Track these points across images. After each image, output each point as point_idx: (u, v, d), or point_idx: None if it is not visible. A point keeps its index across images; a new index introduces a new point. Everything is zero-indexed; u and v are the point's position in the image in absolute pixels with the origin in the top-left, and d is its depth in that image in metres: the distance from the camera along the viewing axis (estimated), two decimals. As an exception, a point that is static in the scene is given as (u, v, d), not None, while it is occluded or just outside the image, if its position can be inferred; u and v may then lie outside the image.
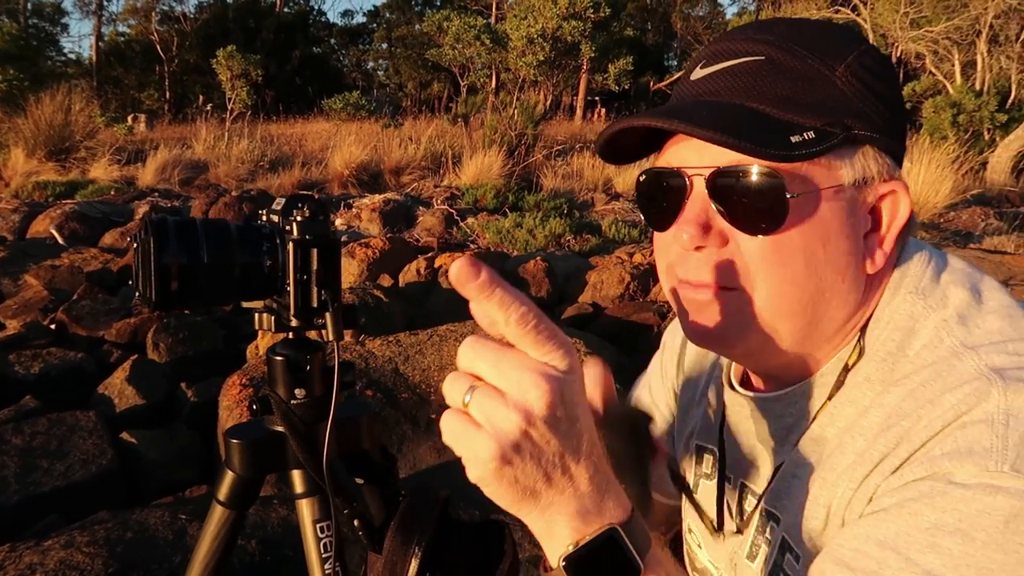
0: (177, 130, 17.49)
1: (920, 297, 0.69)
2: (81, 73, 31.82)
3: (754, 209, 0.65)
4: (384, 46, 39.83)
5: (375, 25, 40.78)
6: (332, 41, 40.34)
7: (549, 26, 10.83)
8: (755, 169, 0.65)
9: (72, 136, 11.74)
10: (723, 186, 0.66)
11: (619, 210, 8.73)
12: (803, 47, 0.67)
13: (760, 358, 0.73)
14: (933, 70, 14.78)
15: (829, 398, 0.70)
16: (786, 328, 0.69)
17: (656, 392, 0.98)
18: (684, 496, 0.89)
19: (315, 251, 0.74)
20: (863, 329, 0.71)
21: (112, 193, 9.20)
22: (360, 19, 73.35)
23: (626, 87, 13.95)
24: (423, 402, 3.07)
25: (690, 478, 0.89)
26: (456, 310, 4.42)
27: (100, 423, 2.96)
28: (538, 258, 5.35)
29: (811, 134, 0.64)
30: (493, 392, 0.51)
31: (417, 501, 0.67)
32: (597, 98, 24.59)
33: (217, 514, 0.83)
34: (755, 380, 0.80)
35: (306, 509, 0.80)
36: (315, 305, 0.76)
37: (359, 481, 0.77)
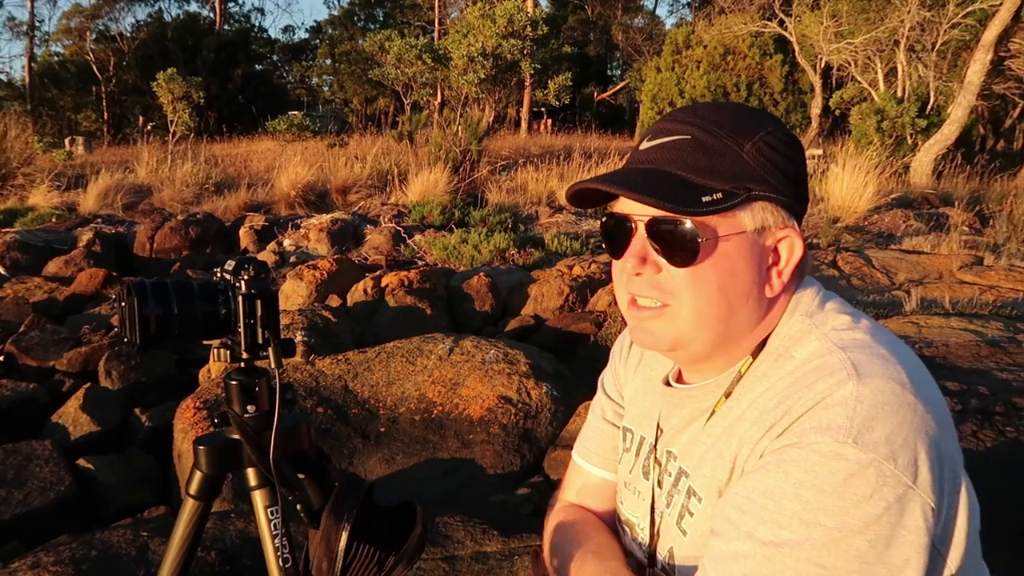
0: (118, 152, 17.24)
1: (808, 318, 0.94)
2: (14, 95, 31.06)
3: (677, 248, 0.90)
4: (328, 62, 39.71)
5: (318, 41, 40.65)
6: (275, 58, 40.08)
7: (489, 44, 11.08)
8: (677, 221, 0.89)
9: (8, 163, 11.54)
10: (656, 230, 0.91)
11: (562, 223, 8.99)
12: (720, 128, 0.91)
13: (687, 355, 0.98)
14: (858, 78, 15.47)
15: (732, 388, 0.95)
16: (705, 335, 0.93)
17: (611, 392, 1.23)
18: (620, 467, 1.16)
19: (259, 301, 0.99)
20: (765, 340, 0.96)
21: (53, 220, 9.11)
22: (302, 35, 72.79)
23: (566, 101, 14.29)
24: (372, 417, 3.24)
25: (622, 452, 1.15)
26: (401, 328, 4.60)
27: (56, 451, 3.04)
28: (481, 274, 5.54)
29: (719, 195, 0.88)
30: None
31: (346, 489, 0.88)
32: (543, 109, 24.97)
33: (189, 506, 1.04)
34: (685, 378, 1.05)
35: (259, 498, 1.03)
36: (260, 341, 1.00)
37: (300, 475, 0.99)
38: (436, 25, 27.47)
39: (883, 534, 0.76)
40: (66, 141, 18.91)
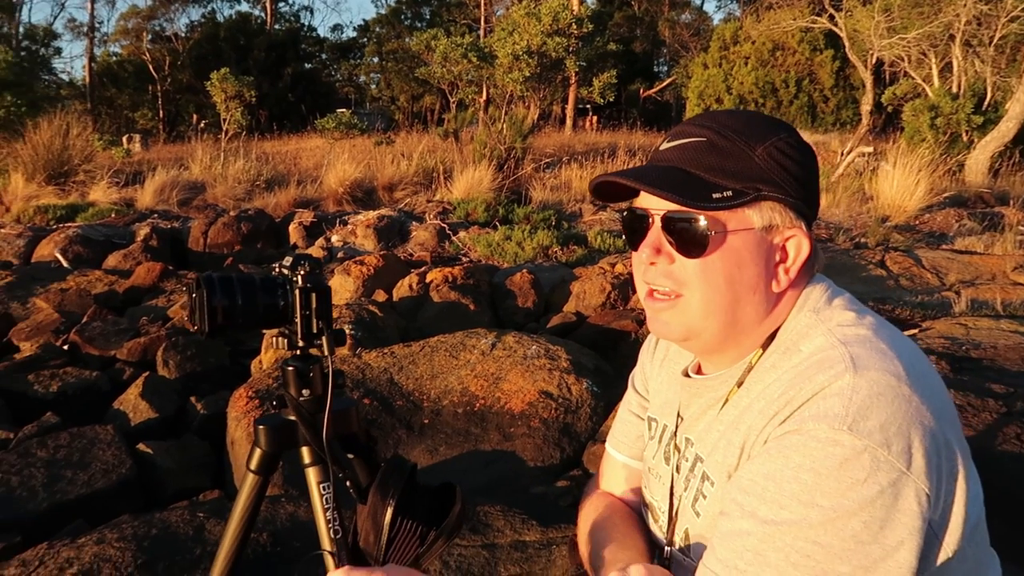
0: (173, 150, 17.76)
1: (815, 314, 1.00)
2: (75, 95, 32.14)
3: (688, 240, 0.97)
4: (375, 60, 40.21)
5: (365, 39, 41.17)
6: (323, 56, 40.71)
7: (534, 42, 11.13)
8: (689, 215, 0.96)
9: (70, 160, 11.98)
10: (670, 223, 0.98)
11: (605, 220, 9.01)
12: (734, 132, 0.98)
13: (700, 345, 1.05)
14: (912, 74, 15.11)
15: (744, 376, 1.02)
16: (713, 324, 0.99)
17: (639, 387, 1.31)
18: (645, 454, 1.23)
19: (314, 294, 1.10)
20: (774, 334, 1.02)
21: (112, 215, 9.43)
22: (350, 33, 73.74)
23: (611, 99, 14.28)
24: (416, 409, 3.33)
25: (648, 440, 1.23)
26: (445, 323, 4.69)
27: (118, 435, 3.19)
28: (524, 270, 5.61)
29: (729, 192, 0.95)
30: None
31: (391, 468, 0.96)
32: (588, 106, 24.91)
33: (249, 480, 1.14)
34: (703, 370, 1.12)
35: (312, 475, 1.13)
36: (315, 331, 1.11)
37: (350, 455, 1.09)
38: (482, 23, 27.61)
39: (877, 516, 0.81)
40: (124, 139, 19.53)
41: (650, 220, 1.01)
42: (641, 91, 32.57)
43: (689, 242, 0.97)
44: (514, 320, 5.13)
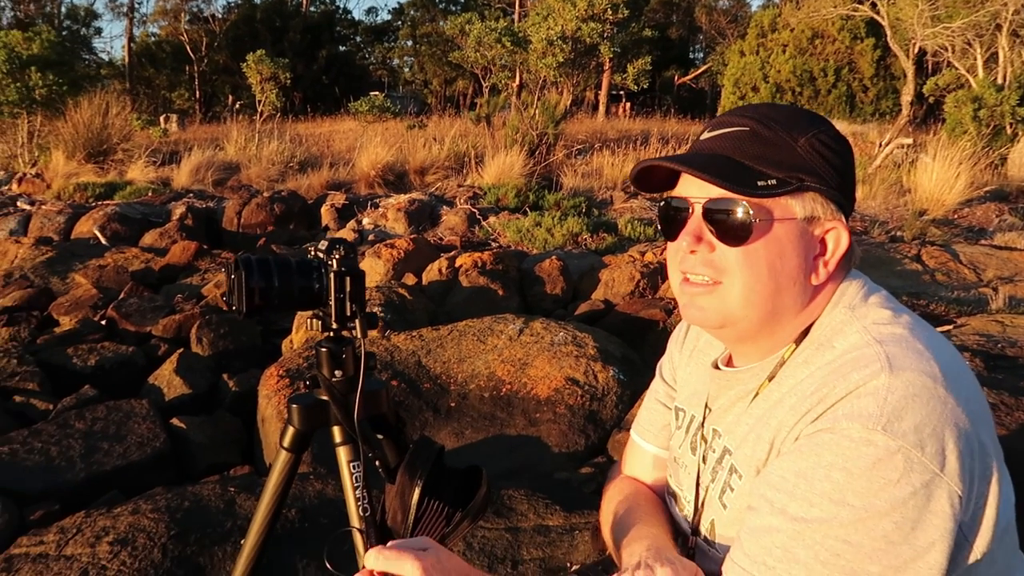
0: (208, 130, 17.97)
1: (850, 310, 0.99)
2: (114, 74, 32.59)
3: (731, 228, 0.96)
4: (409, 43, 40.22)
5: (400, 22, 41.17)
6: (358, 39, 40.79)
7: (568, 27, 11.05)
8: (733, 202, 0.96)
9: (109, 139, 12.18)
10: (712, 210, 0.98)
11: (636, 208, 8.95)
12: (777, 123, 0.98)
13: (735, 334, 1.04)
14: (955, 64, 14.73)
15: (775, 372, 1.01)
16: (753, 313, 0.98)
17: (666, 376, 1.31)
18: (672, 443, 1.23)
19: (348, 278, 1.12)
20: (808, 328, 1.01)
21: (149, 194, 9.60)
22: (385, 16, 73.88)
23: (645, 86, 14.15)
24: (443, 391, 3.36)
25: (674, 429, 1.23)
26: (473, 308, 4.72)
27: (152, 410, 3.28)
28: (554, 257, 5.61)
29: (773, 181, 0.95)
30: None
31: (419, 450, 0.98)
32: (622, 93, 24.70)
33: (282, 457, 1.17)
34: (734, 362, 1.11)
35: (343, 454, 1.15)
36: (348, 314, 1.12)
37: (379, 435, 1.11)
38: (516, 7, 27.44)
39: (909, 517, 0.81)
40: (161, 118, 19.82)
41: (690, 209, 1.00)
42: (676, 78, 32.20)
43: (732, 229, 0.96)
44: (542, 306, 5.14)
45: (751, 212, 0.95)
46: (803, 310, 1.00)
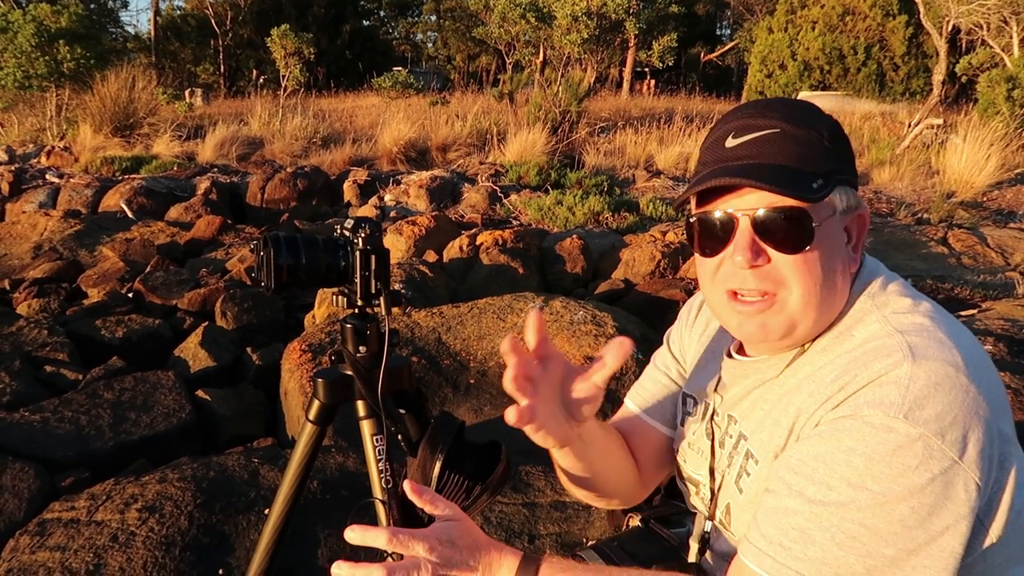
0: (232, 105, 18.04)
1: (870, 299, 0.99)
2: (140, 48, 32.74)
3: (791, 235, 0.95)
4: (433, 18, 39.98)
5: (424, -3, 40.90)
6: (381, 14, 40.60)
7: (594, 3, 10.94)
8: (796, 209, 0.94)
9: (136, 113, 12.28)
10: (767, 221, 0.95)
11: (659, 187, 8.90)
12: (800, 120, 0.97)
13: (791, 340, 1.01)
14: (990, 42, 14.39)
15: (795, 359, 1.02)
16: (813, 315, 0.97)
17: (675, 350, 1.31)
18: (680, 427, 1.23)
19: (373, 256, 1.14)
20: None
21: (175, 168, 9.68)
22: (409, -10, 73.26)
23: (670, 63, 13.97)
24: (463, 368, 3.39)
25: (683, 416, 1.23)
26: (494, 285, 4.74)
27: (178, 382, 3.34)
28: (574, 236, 5.61)
29: (821, 181, 0.94)
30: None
31: (441, 424, 1.01)
32: (646, 69, 24.43)
33: (308, 430, 1.20)
34: (747, 351, 1.11)
35: (366, 427, 1.18)
36: (373, 292, 1.14)
37: (401, 410, 1.14)
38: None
39: (926, 503, 0.82)
40: (186, 93, 19.91)
41: (734, 223, 0.97)
42: (702, 55, 31.76)
43: (792, 237, 0.94)
44: (562, 285, 5.15)
45: (811, 216, 0.94)
46: (845, 299, 1.00)
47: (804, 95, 18.87)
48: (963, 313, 4.18)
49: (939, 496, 0.82)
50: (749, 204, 0.96)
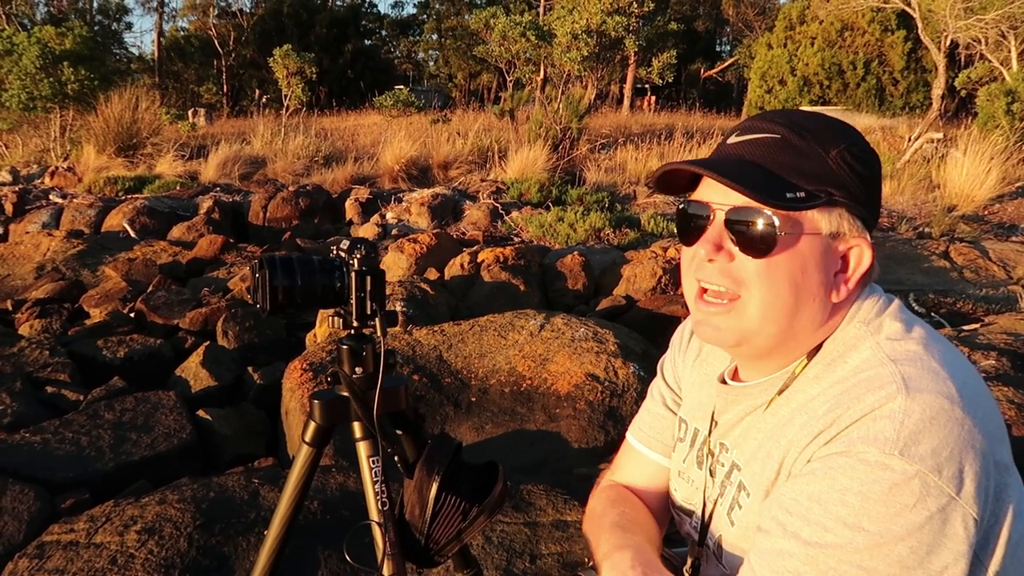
0: (235, 124, 18.16)
1: (864, 325, 0.97)
2: (144, 69, 33.01)
3: (754, 238, 0.93)
4: (434, 37, 40.27)
5: (425, 16, 41.23)
6: (383, 33, 40.92)
7: (593, 21, 11.02)
8: (758, 211, 0.93)
9: (139, 133, 12.35)
10: (735, 219, 0.94)
11: (659, 203, 8.92)
12: (809, 133, 0.95)
13: (750, 351, 1.01)
14: (989, 57, 14.46)
15: (786, 387, 0.99)
16: (771, 328, 0.96)
17: (669, 379, 1.28)
18: (674, 456, 1.21)
19: (369, 277, 1.14)
20: (821, 344, 0.99)
21: (177, 188, 9.72)
22: (410, 10, 74.03)
23: (669, 80, 14.03)
24: (464, 386, 3.39)
25: (676, 443, 1.20)
26: (495, 303, 4.74)
27: (179, 402, 3.34)
28: (575, 252, 5.61)
29: (802, 194, 0.92)
30: None
31: (437, 445, 1.01)
32: (647, 86, 24.56)
33: (304, 452, 1.20)
34: (740, 375, 1.09)
35: (363, 449, 1.18)
36: (369, 312, 1.14)
37: (398, 431, 1.13)
38: (541, 1, 27.35)
39: (925, 541, 0.80)
40: (189, 113, 20.03)
41: (710, 215, 0.96)
42: (702, 71, 31.93)
43: (755, 240, 0.93)
44: (563, 302, 5.15)
45: (777, 224, 0.92)
46: (821, 326, 0.98)
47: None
48: (965, 328, 4.17)
49: (937, 534, 0.80)
50: (727, 200, 0.95)
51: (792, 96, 20.23)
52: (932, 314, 4.70)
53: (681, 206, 1.02)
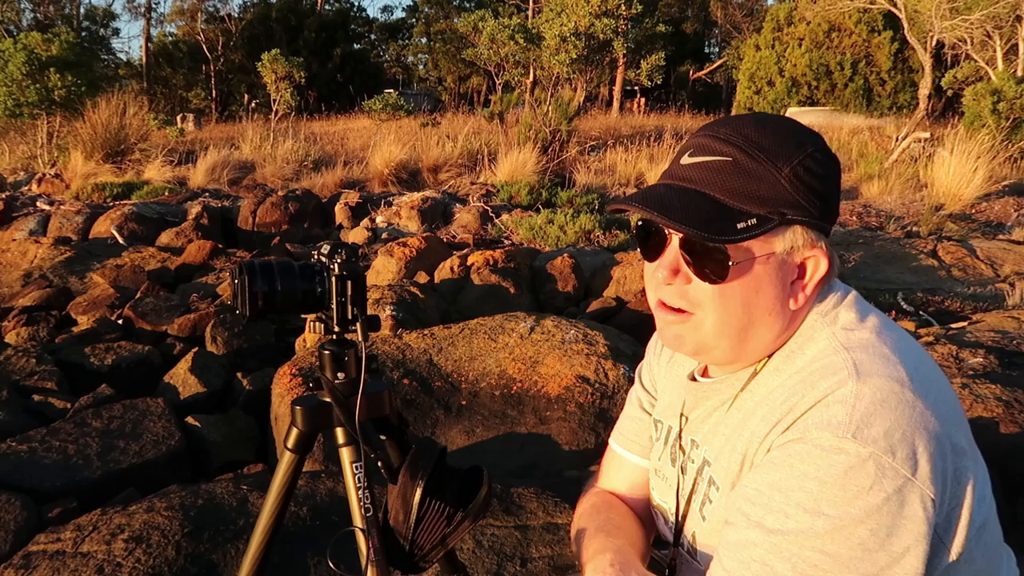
0: (224, 129, 18.10)
1: (822, 317, 0.99)
2: (132, 74, 32.91)
3: (707, 266, 0.95)
4: (423, 41, 40.29)
5: (414, 20, 41.24)
6: (372, 37, 40.90)
7: (582, 24, 11.04)
8: (708, 245, 0.94)
9: (127, 139, 12.31)
10: (689, 247, 0.96)
11: (650, 205, 8.93)
12: (762, 151, 0.93)
13: (709, 359, 1.06)
14: (974, 56, 14.57)
15: (750, 380, 1.01)
16: (726, 343, 0.99)
17: (647, 384, 1.31)
18: (652, 455, 1.22)
19: (350, 282, 1.13)
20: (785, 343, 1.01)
21: (166, 194, 9.68)
22: (399, 14, 74.00)
23: (658, 82, 14.08)
24: (454, 390, 3.38)
25: (653, 442, 1.22)
26: (485, 306, 4.73)
27: (168, 408, 3.32)
28: (566, 255, 5.61)
29: (754, 220, 0.92)
30: None
31: (421, 450, 1.00)
32: (636, 88, 24.61)
33: (286, 458, 1.19)
34: (709, 373, 1.11)
35: (346, 455, 1.17)
36: (350, 317, 1.13)
37: (382, 436, 1.13)
38: (530, 4, 27.38)
39: (884, 523, 0.82)
40: (178, 118, 19.97)
41: (667, 238, 0.98)
42: (691, 73, 32.05)
43: (708, 269, 0.95)
44: (554, 304, 5.15)
45: (727, 255, 0.93)
46: (781, 333, 1.00)
47: (792, 111, 19.03)
48: (954, 326, 4.19)
49: (896, 515, 0.82)
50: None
51: (780, 97, 20.33)
52: (921, 312, 4.72)
53: (639, 224, 1.03)
